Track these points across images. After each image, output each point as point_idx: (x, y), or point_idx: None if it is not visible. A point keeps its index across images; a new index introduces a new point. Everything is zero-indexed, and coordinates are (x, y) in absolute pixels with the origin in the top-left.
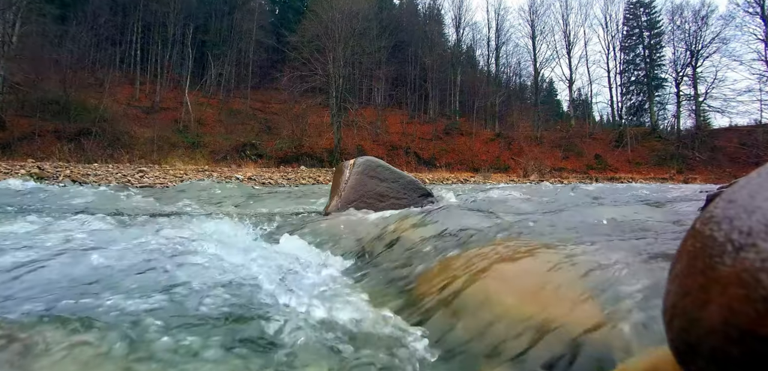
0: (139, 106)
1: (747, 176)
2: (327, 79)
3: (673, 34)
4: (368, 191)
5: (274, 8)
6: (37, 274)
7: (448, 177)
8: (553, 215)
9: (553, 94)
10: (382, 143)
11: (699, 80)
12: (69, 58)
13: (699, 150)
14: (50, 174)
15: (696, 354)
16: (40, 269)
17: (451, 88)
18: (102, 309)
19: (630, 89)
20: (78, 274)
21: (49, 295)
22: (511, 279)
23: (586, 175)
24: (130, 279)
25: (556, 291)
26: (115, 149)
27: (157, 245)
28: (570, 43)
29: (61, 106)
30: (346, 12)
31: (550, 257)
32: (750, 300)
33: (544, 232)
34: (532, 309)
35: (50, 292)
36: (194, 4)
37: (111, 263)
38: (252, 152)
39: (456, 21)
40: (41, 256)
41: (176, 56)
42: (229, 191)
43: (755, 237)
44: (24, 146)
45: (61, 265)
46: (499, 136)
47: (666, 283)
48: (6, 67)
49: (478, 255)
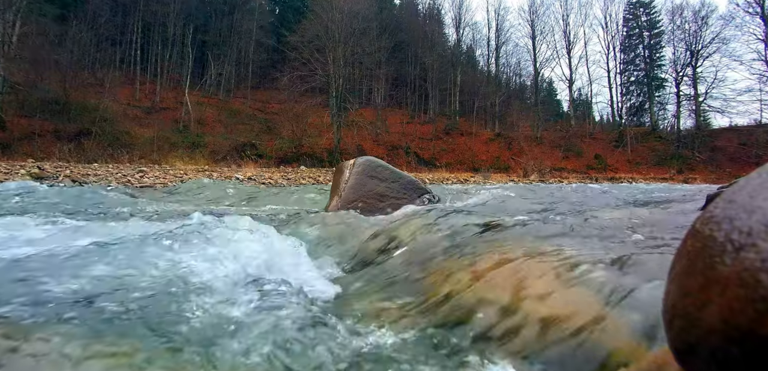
0: (139, 106)
1: (747, 176)
2: (327, 80)
3: (673, 34)
4: (368, 191)
5: (274, 8)
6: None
7: (448, 177)
8: (556, 215)
9: (553, 94)
10: (382, 143)
11: (699, 80)
12: (69, 58)
13: (699, 150)
14: (50, 174)
15: (696, 354)
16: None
17: (451, 88)
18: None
19: (630, 89)
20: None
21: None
22: (512, 279)
23: (586, 175)
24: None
25: (562, 290)
26: (115, 149)
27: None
28: (570, 43)
29: (61, 106)
30: (346, 12)
31: (553, 258)
32: (750, 300)
33: (548, 232)
34: (535, 309)
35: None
36: (194, 4)
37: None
38: (252, 152)
39: (456, 21)
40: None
41: (176, 56)
42: (229, 191)
43: (755, 237)
44: (24, 146)
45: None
46: (499, 136)
47: (666, 283)
48: (6, 67)
49: (478, 256)
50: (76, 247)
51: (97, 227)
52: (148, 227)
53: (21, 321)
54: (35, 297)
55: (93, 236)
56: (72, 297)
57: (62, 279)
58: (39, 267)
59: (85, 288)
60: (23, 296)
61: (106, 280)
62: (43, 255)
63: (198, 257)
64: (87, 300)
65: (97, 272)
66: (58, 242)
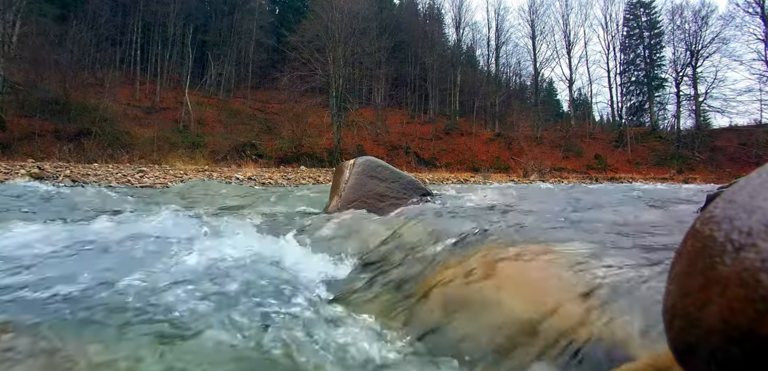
0: (139, 106)
1: (747, 176)
2: (327, 80)
3: (673, 34)
4: (368, 191)
5: (274, 8)
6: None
7: (448, 177)
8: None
9: (553, 94)
10: (382, 143)
11: (699, 80)
12: (69, 58)
13: (699, 150)
14: (50, 174)
15: (696, 354)
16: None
17: (451, 88)
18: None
19: (630, 89)
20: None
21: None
22: (513, 279)
23: (586, 175)
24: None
25: (563, 291)
26: (115, 149)
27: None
28: (570, 43)
29: (61, 106)
30: (346, 12)
31: (556, 258)
32: (750, 300)
33: (546, 231)
34: (538, 309)
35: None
36: (194, 4)
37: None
38: (252, 152)
39: (456, 21)
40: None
41: (176, 56)
42: (229, 191)
43: (755, 237)
44: (24, 146)
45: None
46: (499, 136)
47: (666, 283)
48: (6, 67)
49: (479, 256)
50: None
51: (117, 226)
52: (141, 227)
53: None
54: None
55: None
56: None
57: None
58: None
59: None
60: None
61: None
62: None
63: (198, 257)
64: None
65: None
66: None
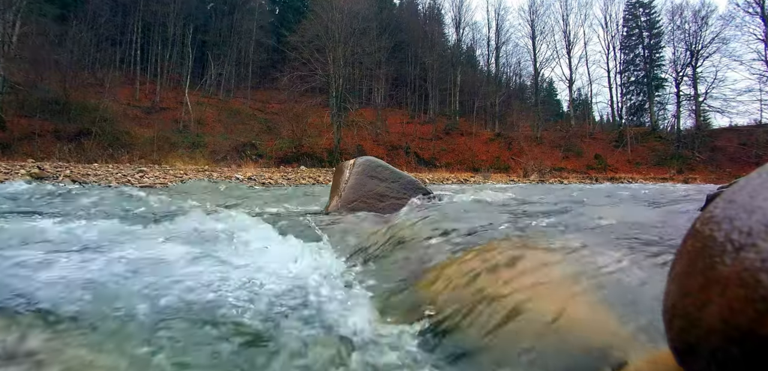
0: (139, 106)
1: (747, 176)
2: (327, 80)
3: (673, 34)
4: (368, 191)
5: (274, 8)
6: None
7: (448, 177)
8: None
9: (553, 94)
10: (382, 143)
11: (699, 80)
12: (69, 58)
13: (699, 150)
14: (50, 174)
15: (696, 354)
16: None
17: (451, 88)
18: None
19: (630, 89)
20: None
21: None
22: (514, 279)
23: (586, 175)
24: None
25: (564, 288)
26: (115, 149)
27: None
28: (570, 43)
29: (61, 106)
30: (346, 12)
31: (557, 256)
32: (750, 300)
33: (545, 230)
34: (539, 307)
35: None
36: (194, 4)
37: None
38: (252, 152)
39: (456, 21)
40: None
41: (176, 56)
42: (229, 191)
43: (755, 237)
44: (24, 146)
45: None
46: (499, 136)
47: (666, 283)
48: (6, 67)
49: (479, 256)
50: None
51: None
52: (152, 229)
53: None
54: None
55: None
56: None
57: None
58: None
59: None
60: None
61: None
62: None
63: (196, 256)
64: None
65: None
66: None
